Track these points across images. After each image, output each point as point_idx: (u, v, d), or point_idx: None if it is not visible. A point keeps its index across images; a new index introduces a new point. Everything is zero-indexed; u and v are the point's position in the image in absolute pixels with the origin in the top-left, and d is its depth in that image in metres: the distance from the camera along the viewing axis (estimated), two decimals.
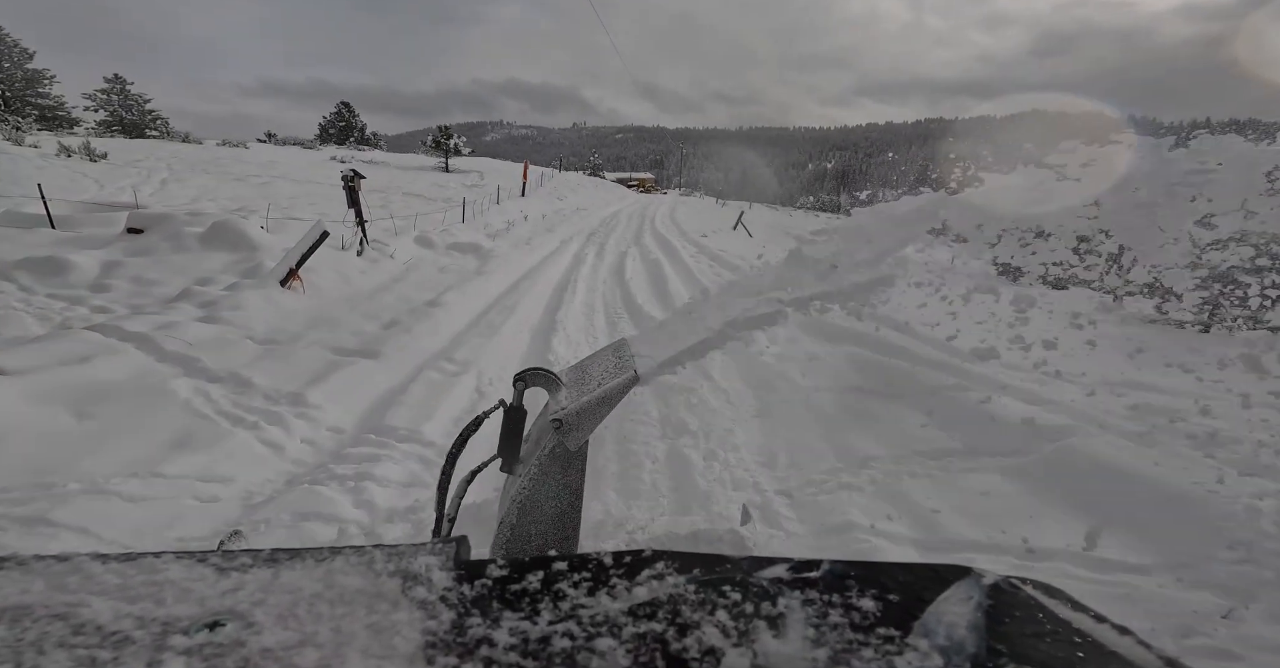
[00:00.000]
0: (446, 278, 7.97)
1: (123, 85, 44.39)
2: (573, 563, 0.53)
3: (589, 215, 20.76)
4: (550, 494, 0.97)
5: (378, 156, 28.99)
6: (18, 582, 0.49)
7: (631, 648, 0.42)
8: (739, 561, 0.53)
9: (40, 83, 43.13)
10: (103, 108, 43.43)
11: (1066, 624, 0.46)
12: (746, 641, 0.43)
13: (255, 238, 6.98)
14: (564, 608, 0.47)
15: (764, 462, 3.39)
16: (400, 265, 8.37)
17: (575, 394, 1.02)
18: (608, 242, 14.32)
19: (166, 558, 0.53)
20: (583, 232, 15.90)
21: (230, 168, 18.23)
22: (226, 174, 16.58)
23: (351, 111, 58.43)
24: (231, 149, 24.41)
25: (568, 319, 6.58)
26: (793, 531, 2.70)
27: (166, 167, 16.65)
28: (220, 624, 0.44)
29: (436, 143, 26.40)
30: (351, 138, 54.85)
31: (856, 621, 0.45)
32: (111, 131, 40.26)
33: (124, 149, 20.52)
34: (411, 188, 19.18)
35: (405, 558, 0.54)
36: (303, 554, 0.56)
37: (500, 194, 19.70)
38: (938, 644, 0.42)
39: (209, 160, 19.82)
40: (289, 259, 5.94)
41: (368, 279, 7.40)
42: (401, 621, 0.45)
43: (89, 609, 0.45)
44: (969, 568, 0.51)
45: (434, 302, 6.42)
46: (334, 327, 5.34)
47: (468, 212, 14.57)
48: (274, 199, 13.12)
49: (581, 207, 22.96)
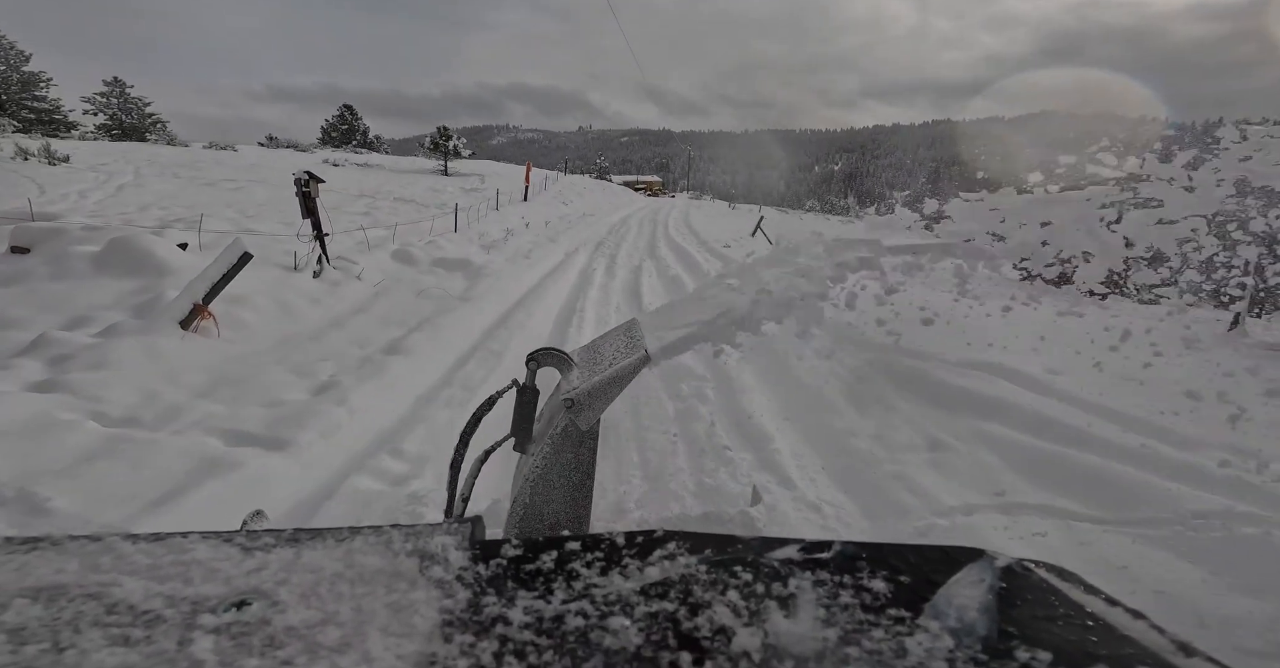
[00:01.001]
0: (423, 307, 6.36)
1: (122, 88, 43.54)
2: (586, 543, 0.53)
3: (596, 222, 19.13)
4: (562, 473, 0.97)
5: (375, 159, 27.51)
6: (53, 562, 0.49)
7: (644, 627, 0.42)
8: (750, 541, 0.53)
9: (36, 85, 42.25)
10: (102, 111, 42.57)
11: (1079, 607, 0.45)
12: (757, 620, 0.43)
13: (164, 260, 5.38)
14: (577, 587, 0.47)
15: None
16: (368, 289, 6.78)
17: (587, 374, 1.01)
18: (618, 253, 12.68)
19: (193, 538, 0.54)
20: (590, 241, 14.27)
21: (207, 172, 16.77)
22: (198, 179, 15.08)
23: (354, 114, 57.84)
24: (217, 152, 23.01)
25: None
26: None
27: (134, 171, 15.17)
28: (247, 603, 0.45)
29: (435, 144, 24.77)
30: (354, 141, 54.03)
31: (867, 601, 0.45)
32: (112, 135, 39.24)
33: (98, 152, 19.08)
34: (404, 192, 17.63)
35: (422, 538, 0.55)
36: (324, 534, 0.56)
37: (500, 199, 18.14)
38: (949, 626, 0.42)
39: (186, 163, 18.37)
40: (193, 290, 4.34)
41: (320, 310, 5.80)
42: (419, 599, 0.46)
43: (121, 589, 0.46)
44: (981, 550, 0.51)
45: (396, 346, 4.80)
46: (242, 391, 3.72)
47: (465, 219, 13.00)
48: (242, 206, 11.59)
49: (588, 212, 21.35)
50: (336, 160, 23.23)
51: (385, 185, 18.97)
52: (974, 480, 3.10)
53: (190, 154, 21.84)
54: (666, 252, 13.32)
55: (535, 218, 16.44)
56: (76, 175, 13.64)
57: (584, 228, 16.72)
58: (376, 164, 25.29)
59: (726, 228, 20.81)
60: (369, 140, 53.95)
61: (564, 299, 7.82)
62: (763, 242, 17.67)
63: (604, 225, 18.85)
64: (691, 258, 12.23)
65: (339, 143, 51.57)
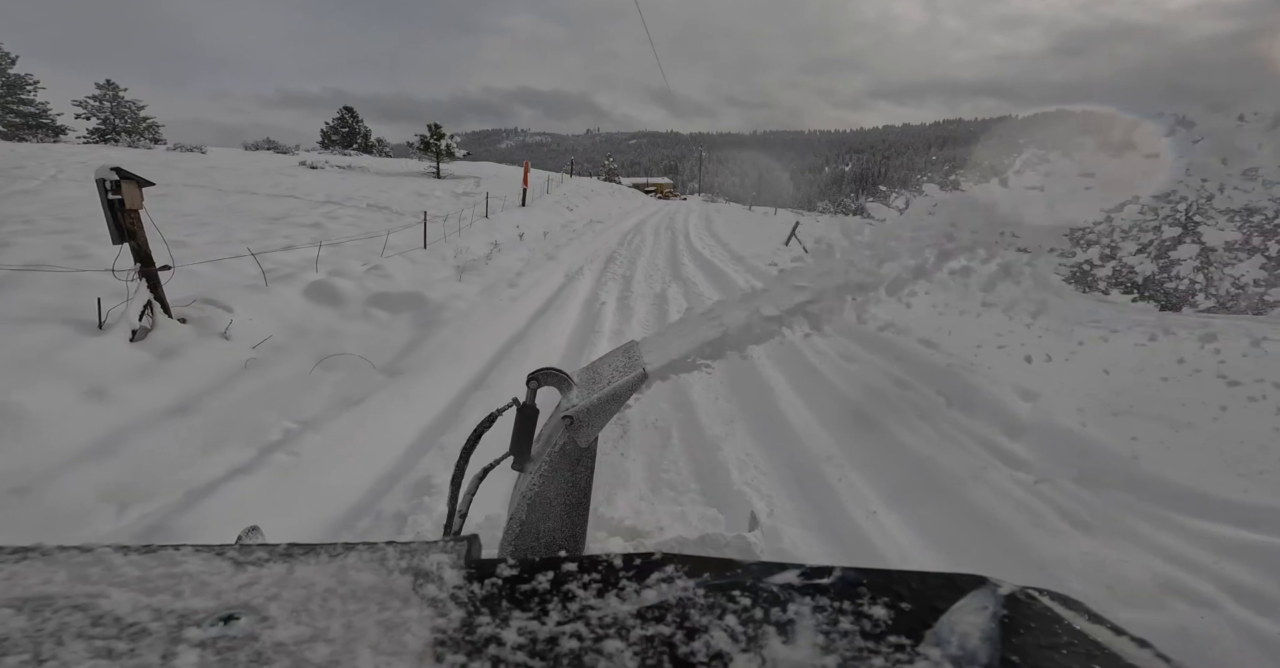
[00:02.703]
0: (314, 394, 3.71)
1: (115, 92, 41.90)
2: (582, 564, 0.52)
3: (605, 231, 16.41)
4: (559, 491, 0.97)
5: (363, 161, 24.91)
6: (41, 572, 0.49)
7: (639, 650, 0.42)
8: (749, 565, 0.53)
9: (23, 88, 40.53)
10: (95, 115, 40.91)
11: (1084, 636, 0.44)
12: (755, 646, 0.42)
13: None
14: (573, 609, 0.46)
15: None
16: (237, 355, 4.13)
17: (586, 394, 1.01)
18: (634, 274, 9.97)
19: (185, 551, 0.53)
20: (597, 257, 11.56)
21: (145, 175, 14.32)
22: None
23: (355, 117, 56.65)
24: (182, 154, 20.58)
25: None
26: None
27: (51, 174, 12.69)
28: (235, 618, 0.44)
29: (425, 144, 21.93)
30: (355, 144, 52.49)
31: (867, 628, 0.44)
32: (106, 139, 37.28)
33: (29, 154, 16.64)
34: (382, 198, 15.08)
35: (417, 555, 0.54)
36: (317, 550, 0.55)
37: (494, 204, 15.54)
38: (950, 654, 0.41)
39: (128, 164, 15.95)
40: None
41: (107, 409, 3.16)
42: (412, 618, 0.45)
43: (108, 600, 0.45)
44: (984, 578, 0.50)
45: (193, 500, 2.14)
46: None
47: (445, 229, 10.39)
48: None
49: (595, 218, 18.65)
50: (315, 162, 20.68)
51: (361, 190, 16.41)
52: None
53: (149, 156, 19.42)
54: (694, 272, 10.58)
55: (532, 227, 13.80)
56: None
57: (590, 239, 14.02)
58: (361, 166, 22.68)
59: (756, 236, 18.03)
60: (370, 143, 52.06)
61: (558, 360, 5.12)
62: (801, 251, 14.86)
63: (614, 235, 16.13)
64: (729, 281, 9.49)
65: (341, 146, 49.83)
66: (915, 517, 2.77)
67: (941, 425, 3.68)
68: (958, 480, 3.02)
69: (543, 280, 8.04)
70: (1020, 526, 2.62)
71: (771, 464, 3.28)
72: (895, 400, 4.09)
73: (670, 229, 19.50)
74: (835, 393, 4.29)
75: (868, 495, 2.91)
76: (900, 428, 3.65)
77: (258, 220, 9.81)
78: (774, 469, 3.23)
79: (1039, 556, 2.43)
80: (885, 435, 3.58)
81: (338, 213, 11.42)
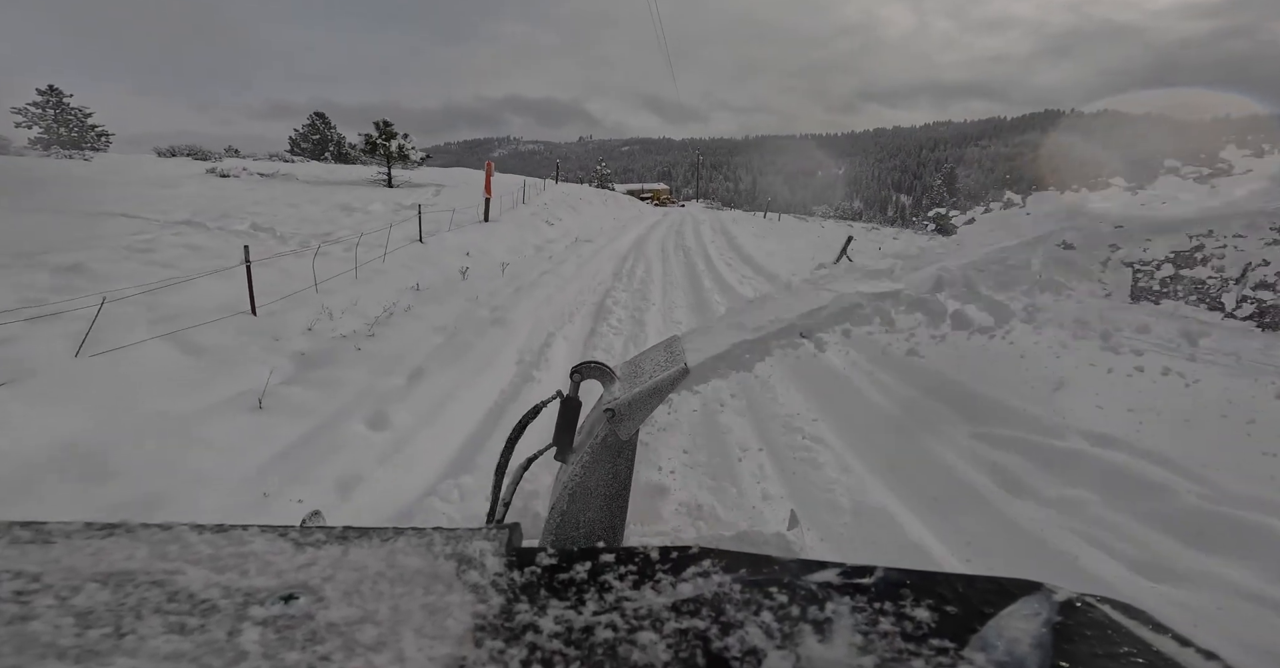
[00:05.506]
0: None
1: (59, 98, 37.51)
2: (620, 556, 0.52)
3: (595, 256, 12.08)
4: (600, 482, 0.95)
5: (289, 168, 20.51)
6: (125, 548, 0.50)
7: (673, 643, 0.41)
8: (788, 562, 0.51)
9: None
10: (36, 123, 36.53)
11: (1145, 645, 0.42)
12: (790, 643, 0.41)
13: None
14: (609, 600, 0.46)
15: None
16: None
17: (628, 387, 0.98)
18: (646, 339, 5.77)
19: (253, 531, 0.55)
20: (581, 308, 7.32)
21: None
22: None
23: (327, 123, 52.80)
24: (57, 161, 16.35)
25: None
26: None
27: None
28: (294, 597, 0.45)
29: (371, 145, 17.38)
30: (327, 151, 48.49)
31: (909, 630, 0.43)
32: (62, 149, 32.99)
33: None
34: (283, 215, 10.86)
35: (461, 542, 0.55)
36: (370, 533, 0.56)
37: (448, 219, 11.35)
38: (996, 659, 0.39)
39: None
40: None
41: None
42: (454, 603, 0.46)
43: (184, 577, 0.47)
44: (1039, 583, 0.48)
45: None
46: None
47: (352, 259, 6.18)
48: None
49: (584, 236, 14.39)
50: (229, 170, 16.44)
51: (262, 204, 12.15)
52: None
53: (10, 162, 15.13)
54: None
55: (492, 253, 9.58)
56: None
57: (572, 270, 9.77)
58: (288, 174, 18.36)
59: (794, 252, 13.85)
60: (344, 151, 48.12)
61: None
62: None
63: (608, 260, 11.86)
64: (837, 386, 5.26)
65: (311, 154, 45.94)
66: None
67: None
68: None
69: (456, 391, 3.81)
70: None
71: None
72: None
73: (681, 247, 15.25)
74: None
75: None
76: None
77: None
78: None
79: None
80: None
81: (172, 241, 7.19)
